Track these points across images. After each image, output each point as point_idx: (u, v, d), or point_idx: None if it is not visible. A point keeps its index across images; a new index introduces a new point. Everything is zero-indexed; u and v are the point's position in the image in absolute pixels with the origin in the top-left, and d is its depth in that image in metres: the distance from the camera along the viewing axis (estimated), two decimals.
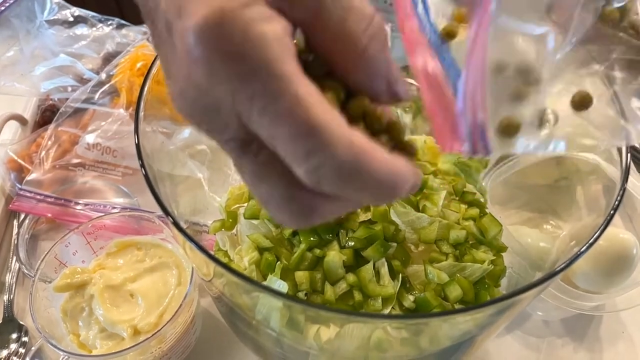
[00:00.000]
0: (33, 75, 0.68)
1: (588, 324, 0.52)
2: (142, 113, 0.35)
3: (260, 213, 0.40)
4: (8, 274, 0.56)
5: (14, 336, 0.52)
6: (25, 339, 0.52)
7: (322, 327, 0.34)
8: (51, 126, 0.64)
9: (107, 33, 0.73)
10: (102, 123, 0.63)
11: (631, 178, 0.50)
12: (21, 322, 0.53)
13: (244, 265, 0.38)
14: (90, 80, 0.68)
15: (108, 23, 0.74)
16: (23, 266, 0.56)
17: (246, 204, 0.42)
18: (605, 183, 0.37)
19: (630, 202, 0.57)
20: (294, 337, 0.35)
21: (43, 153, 0.61)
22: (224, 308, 0.41)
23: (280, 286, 0.35)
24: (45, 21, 0.72)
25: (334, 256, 0.36)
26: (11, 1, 0.70)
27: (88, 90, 0.67)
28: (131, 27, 0.75)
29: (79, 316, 0.46)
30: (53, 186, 0.60)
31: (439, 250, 0.39)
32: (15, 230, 0.59)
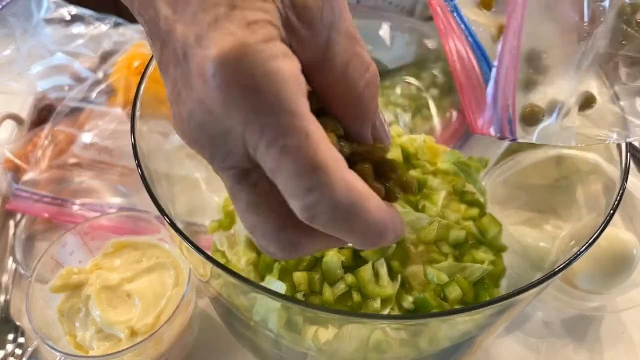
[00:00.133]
0: (30, 74, 0.68)
1: (588, 325, 0.52)
2: (139, 112, 0.35)
3: None
4: (5, 275, 0.55)
5: (11, 337, 0.51)
6: (21, 340, 0.51)
7: (321, 329, 0.34)
8: (48, 126, 0.63)
9: (104, 32, 0.73)
10: (99, 122, 0.63)
11: (632, 178, 0.50)
12: (18, 323, 0.52)
13: (242, 266, 0.38)
14: (87, 79, 0.68)
15: (105, 22, 0.74)
16: (20, 267, 0.56)
17: None
18: (605, 183, 0.37)
19: (630, 203, 0.56)
20: (293, 339, 0.35)
21: (40, 153, 0.61)
22: (222, 309, 0.40)
23: (278, 287, 0.35)
24: (42, 20, 0.71)
25: (333, 257, 0.36)
26: (8, 0, 0.69)
27: (85, 89, 0.67)
28: (128, 26, 0.74)
29: (76, 317, 0.46)
30: (50, 186, 0.60)
31: (439, 250, 0.39)
32: (12, 230, 0.58)
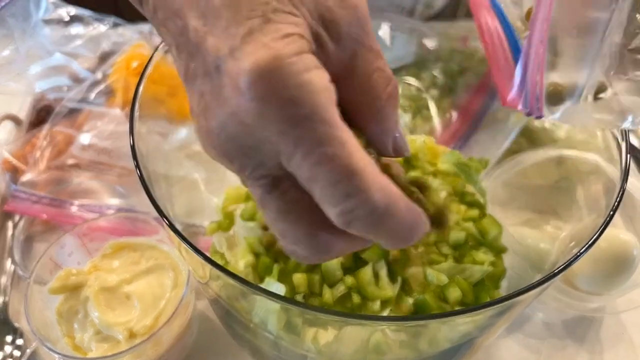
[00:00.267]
0: (28, 74, 0.68)
1: (589, 326, 0.52)
2: (138, 113, 0.34)
3: (257, 216, 0.39)
4: (3, 276, 0.55)
5: (9, 339, 0.51)
6: (20, 342, 0.51)
7: (320, 330, 0.34)
8: (46, 126, 0.63)
9: (103, 32, 0.73)
10: (98, 123, 0.63)
11: (631, 179, 0.50)
12: (16, 325, 0.52)
13: (240, 267, 0.38)
14: (85, 79, 0.68)
15: (104, 22, 0.74)
16: (18, 268, 0.55)
17: (243, 205, 0.42)
18: (605, 183, 0.37)
19: (630, 203, 0.56)
20: (292, 340, 0.35)
21: (38, 153, 0.61)
22: (221, 311, 0.40)
23: (277, 289, 0.35)
24: (40, 20, 0.71)
25: None
26: (7, 0, 0.69)
27: (83, 89, 0.66)
28: (127, 27, 0.74)
29: (74, 318, 0.46)
30: (48, 187, 0.59)
31: (439, 251, 0.38)
32: (10, 231, 0.58)
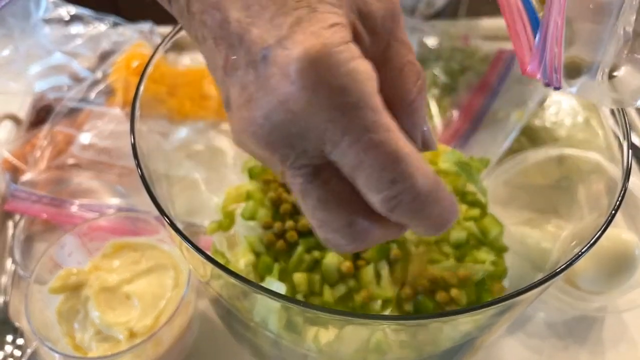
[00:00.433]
0: (28, 74, 0.68)
1: (590, 326, 0.52)
2: (138, 112, 0.34)
3: (257, 215, 0.39)
4: (3, 276, 0.55)
5: (9, 338, 0.51)
6: (20, 342, 0.51)
7: (321, 329, 0.34)
8: (46, 126, 0.63)
9: (103, 32, 0.73)
10: (98, 122, 0.63)
11: (633, 178, 0.50)
12: (16, 325, 0.52)
13: (241, 266, 0.38)
14: (85, 79, 0.68)
15: (104, 21, 0.74)
16: (18, 268, 0.55)
17: (243, 204, 0.42)
18: (607, 182, 0.37)
19: (633, 203, 0.56)
20: (293, 340, 0.35)
21: (38, 153, 0.61)
22: (222, 310, 0.40)
23: (278, 288, 0.35)
24: (40, 20, 0.71)
25: (333, 258, 0.36)
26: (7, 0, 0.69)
27: (84, 89, 0.66)
28: (127, 26, 0.74)
29: (75, 318, 0.46)
30: (48, 186, 0.59)
31: (440, 250, 0.38)
32: (10, 231, 0.58)
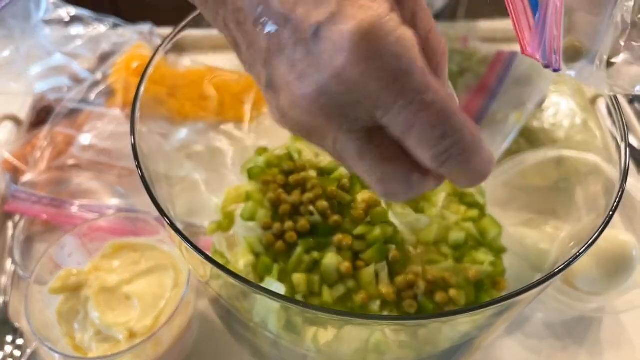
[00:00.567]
0: (28, 75, 0.68)
1: (588, 326, 0.52)
2: (139, 113, 0.35)
3: (257, 216, 0.39)
4: (3, 276, 0.55)
5: (9, 339, 0.51)
6: (20, 342, 0.51)
7: (320, 330, 0.34)
8: (46, 127, 0.63)
9: (103, 33, 0.73)
10: (98, 123, 0.63)
11: (631, 179, 0.50)
12: (16, 325, 0.52)
13: (240, 267, 0.38)
14: (85, 80, 0.68)
15: (104, 23, 0.74)
16: (18, 268, 0.55)
17: (243, 205, 0.42)
18: (604, 184, 0.37)
19: (630, 204, 0.56)
20: (292, 340, 0.35)
21: (38, 154, 0.61)
22: (221, 310, 0.40)
23: (277, 288, 0.35)
24: (40, 20, 0.72)
25: (332, 258, 0.36)
26: (7, 0, 0.70)
27: (84, 90, 0.67)
28: (127, 27, 0.74)
29: (75, 319, 0.46)
30: (48, 187, 0.60)
31: (438, 251, 0.39)
32: (10, 232, 0.58)
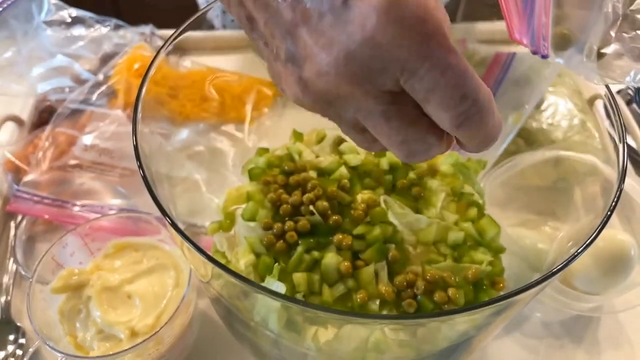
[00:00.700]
0: (30, 76, 0.68)
1: (586, 326, 0.52)
2: (140, 114, 0.35)
3: (257, 216, 0.39)
4: (5, 276, 0.55)
5: (11, 338, 0.51)
6: (22, 341, 0.51)
7: (320, 329, 0.34)
8: (48, 127, 0.63)
9: (105, 34, 0.73)
10: (100, 124, 0.63)
11: (629, 180, 0.50)
12: (18, 324, 0.52)
13: (241, 267, 0.38)
14: (87, 81, 0.69)
15: (105, 24, 0.74)
16: (20, 268, 0.56)
17: (244, 205, 0.42)
18: (602, 184, 0.37)
19: (628, 204, 0.57)
20: (292, 339, 0.35)
21: (40, 154, 0.61)
22: (222, 310, 0.41)
23: (278, 288, 0.35)
24: (42, 22, 0.72)
25: (332, 258, 0.36)
26: (9, 2, 0.70)
27: (85, 91, 0.67)
28: (128, 28, 0.75)
29: (77, 318, 0.46)
30: (50, 187, 0.60)
31: (437, 251, 0.39)
32: (12, 231, 0.59)
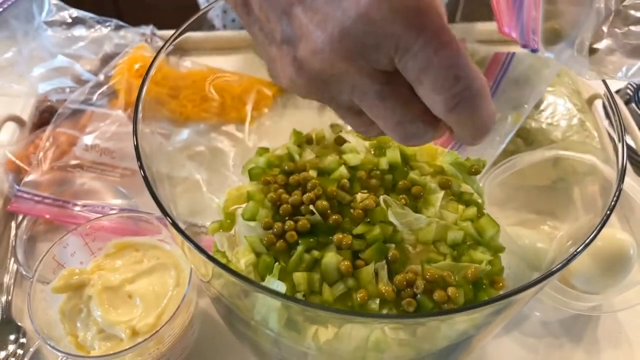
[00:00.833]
0: (31, 76, 0.68)
1: (586, 325, 0.52)
2: (141, 114, 0.35)
3: (258, 215, 0.40)
4: (6, 275, 0.56)
5: (12, 337, 0.51)
6: (23, 341, 0.51)
7: (321, 328, 0.34)
8: (49, 127, 0.64)
9: (105, 34, 0.73)
10: (101, 124, 0.63)
11: (628, 179, 0.50)
12: (19, 324, 0.53)
13: (242, 266, 0.38)
14: (88, 81, 0.69)
15: (106, 24, 0.74)
16: (21, 267, 0.56)
17: (244, 205, 0.42)
18: (602, 184, 0.37)
19: (627, 203, 0.57)
20: (293, 338, 0.35)
21: (41, 154, 0.61)
22: (223, 309, 0.41)
23: (278, 287, 0.35)
24: (43, 22, 0.72)
25: (332, 257, 0.36)
26: (10, 2, 0.70)
27: (86, 91, 0.67)
28: (129, 29, 0.75)
29: (77, 317, 0.46)
30: (51, 187, 0.60)
31: (437, 250, 0.39)
32: (13, 231, 0.59)
